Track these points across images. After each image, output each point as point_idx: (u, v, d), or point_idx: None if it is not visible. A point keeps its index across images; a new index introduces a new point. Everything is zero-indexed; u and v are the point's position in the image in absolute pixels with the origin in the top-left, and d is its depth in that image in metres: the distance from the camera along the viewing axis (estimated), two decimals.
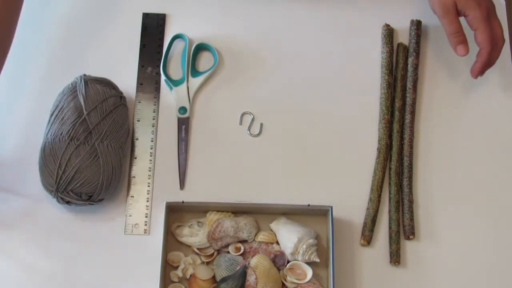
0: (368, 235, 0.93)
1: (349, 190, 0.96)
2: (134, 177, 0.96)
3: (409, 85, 1.01)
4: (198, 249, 0.91)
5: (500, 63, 1.04)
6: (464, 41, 0.96)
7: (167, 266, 0.91)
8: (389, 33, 1.03)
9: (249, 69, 1.03)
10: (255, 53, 1.04)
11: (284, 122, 1.00)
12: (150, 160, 0.97)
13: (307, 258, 0.89)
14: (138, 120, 0.99)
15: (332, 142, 0.99)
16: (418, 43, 1.03)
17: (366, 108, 1.01)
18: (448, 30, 0.97)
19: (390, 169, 0.97)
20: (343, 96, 1.02)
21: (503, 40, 0.98)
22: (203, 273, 0.89)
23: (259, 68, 1.03)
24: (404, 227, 0.94)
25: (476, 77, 0.99)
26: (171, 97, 1.01)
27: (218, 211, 0.93)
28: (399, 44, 1.03)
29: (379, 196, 0.95)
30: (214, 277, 0.90)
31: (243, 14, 1.06)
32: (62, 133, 0.90)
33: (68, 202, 0.90)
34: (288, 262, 0.90)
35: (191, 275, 0.90)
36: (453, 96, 1.02)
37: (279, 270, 0.90)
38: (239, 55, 1.04)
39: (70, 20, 1.05)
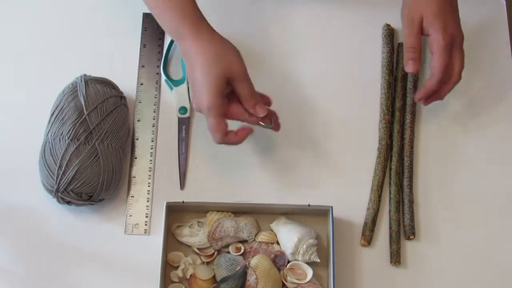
0: (368, 235, 0.93)
1: (349, 190, 0.96)
2: (134, 177, 0.96)
3: (409, 85, 1.01)
4: (198, 249, 0.91)
5: (500, 62, 1.04)
6: (416, 58, 0.92)
7: (167, 266, 0.91)
8: (389, 33, 1.03)
9: (249, 69, 1.03)
10: (255, 53, 1.04)
11: (284, 122, 1.00)
12: (150, 160, 0.97)
13: (307, 258, 0.89)
14: (138, 120, 0.99)
15: (332, 142, 0.99)
16: None
17: (366, 108, 1.01)
18: (405, 42, 0.93)
19: (390, 169, 0.97)
20: (343, 96, 1.02)
21: (459, 77, 0.92)
22: (203, 273, 0.89)
23: (259, 68, 1.03)
24: (404, 227, 0.94)
25: (417, 101, 0.95)
26: (171, 97, 1.01)
27: (218, 211, 0.93)
28: (399, 44, 1.03)
29: (380, 196, 0.95)
30: (214, 277, 0.90)
31: (243, 14, 1.06)
32: (62, 133, 0.90)
33: (68, 202, 0.90)
34: (289, 262, 0.90)
35: (191, 275, 0.90)
36: (453, 96, 1.02)
37: (279, 270, 0.90)
38: None
39: (70, 20, 1.05)
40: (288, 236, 0.90)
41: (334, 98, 1.02)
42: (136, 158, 0.97)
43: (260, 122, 0.91)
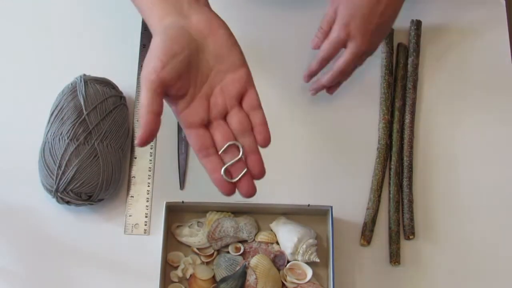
0: (368, 235, 0.93)
1: (349, 190, 0.96)
2: (134, 177, 0.96)
3: (409, 85, 1.01)
4: (198, 249, 0.91)
5: (500, 62, 1.04)
6: (319, 38, 0.93)
7: (167, 266, 0.91)
8: (389, 33, 1.03)
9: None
10: (255, 53, 1.03)
11: (284, 122, 1.00)
12: (150, 160, 0.97)
13: (307, 258, 0.89)
14: (138, 120, 0.99)
15: (332, 142, 0.99)
16: (418, 43, 1.03)
17: (366, 108, 1.01)
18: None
19: (390, 169, 0.97)
20: (343, 96, 1.02)
21: (335, 75, 0.93)
22: (203, 273, 0.89)
23: (259, 68, 1.03)
24: (404, 227, 0.94)
25: (304, 78, 0.97)
26: None
27: (218, 211, 0.93)
28: (399, 44, 1.03)
29: (379, 196, 0.95)
30: (214, 277, 0.90)
31: (243, 14, 1.06)
32: (62, 133, 0.90)
33: (68, 202, 0.90)
34: (288, 262, 0.90)
35: (191, 275, 0.90)
36: (452, 96, 1.02)
37: (279, 270, 0.90)
38: None
39: (70, 20, 1.05)
40: (288, 236, 0.90)
41: (333, 98, 1.02)
42: (135, 158, 0.97)
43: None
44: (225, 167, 0.73)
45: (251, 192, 0.74)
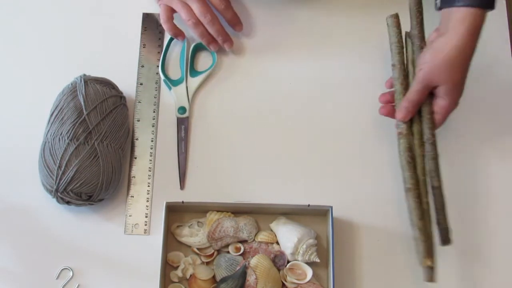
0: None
1: (349, 190, 0.96)
2: (134, 177, 0.96)
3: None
4: (198, 249, 0.91)
5: (500, 62, 1.04)
6: (411, 112, 0.91)
7: (167, 266, 0.91)
8: (396, 22, 0.97)
9: (248, 68, 1.03)
10: (254, 52, 1.04)
11: (284, 121, 1.00)
12: (150, 160, 0.97)
13: (307, 258, 0.89)
14: (138, 120, 0.99)
15: (332, 142, 0.99)
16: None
17: (367, 108, 1.01)
18: (409, 95, 0.91)
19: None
20: (342, 96, 1.02)
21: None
22: (203, 273, 0.89)
23: (258, 67, 1.03)
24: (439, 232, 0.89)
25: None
26: (170, 97, 1.01)
27: (218, 211, 0.93)
28: (406, 33, 0.99)
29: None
30: (214, 277, 0.90)
31: (241, 14, 1.06)
32: (62, 133, 0.90)
33: (68, 202, 0.90)
34: (288, 262, 0.90)
35: (191, 275, 0.90)
36: None
37: (279, 270, 0.90)
38: (238, 55, 1.04)
39: (70, 19, 1.05)
40: (288, 236, 0.90)
41: (333, 98, 1.02)
42: (135, 158, 0.97)
43: None
44: None
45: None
